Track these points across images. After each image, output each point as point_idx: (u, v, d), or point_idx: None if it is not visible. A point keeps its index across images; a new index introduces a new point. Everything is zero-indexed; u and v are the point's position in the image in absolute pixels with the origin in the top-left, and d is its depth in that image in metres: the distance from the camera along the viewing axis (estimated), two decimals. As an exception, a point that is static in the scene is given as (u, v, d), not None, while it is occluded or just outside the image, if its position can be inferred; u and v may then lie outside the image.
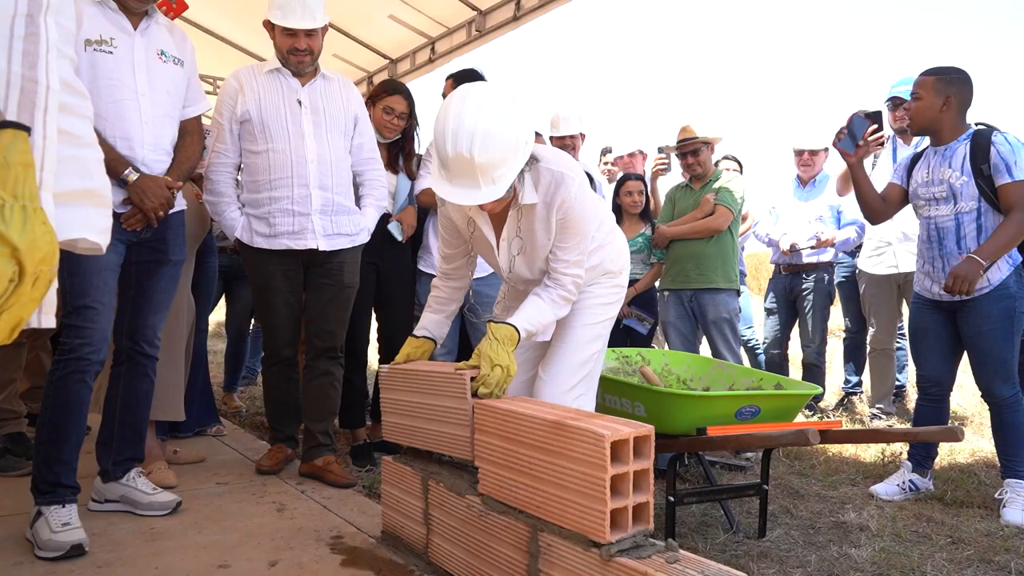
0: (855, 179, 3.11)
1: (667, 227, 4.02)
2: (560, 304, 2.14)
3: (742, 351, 4.58)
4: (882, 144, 3.97)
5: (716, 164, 5.06)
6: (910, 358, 3.92)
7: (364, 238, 3.05)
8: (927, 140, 3.06)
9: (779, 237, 4.74)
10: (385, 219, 3.31)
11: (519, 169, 1.96)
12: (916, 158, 3.05)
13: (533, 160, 2.06)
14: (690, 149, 3.92)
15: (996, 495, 2.87)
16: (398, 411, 2.25)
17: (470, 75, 3.50)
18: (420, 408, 2.13)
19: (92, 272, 2.24)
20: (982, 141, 2.81)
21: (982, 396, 2.96)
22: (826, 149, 4.74)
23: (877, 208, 3.13)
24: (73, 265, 2.15)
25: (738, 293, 3.97)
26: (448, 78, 3.67)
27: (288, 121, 2.86)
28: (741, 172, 5.24)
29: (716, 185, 3.92)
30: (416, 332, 2.35)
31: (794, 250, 4.64)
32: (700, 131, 3.91)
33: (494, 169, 1.90)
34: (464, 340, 3.59)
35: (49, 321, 1.12)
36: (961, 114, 2.90)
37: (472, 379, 1.94)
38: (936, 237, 2.91)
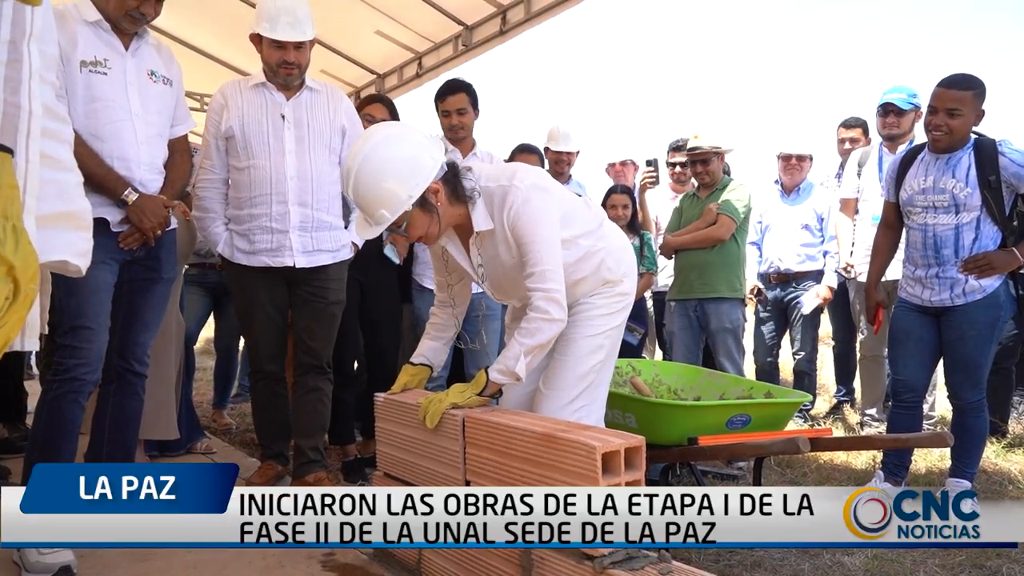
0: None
1: (672, 237, 4.02)
2: (527, 331, 2.02)
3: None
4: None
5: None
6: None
7: (347, 254, 3.02)
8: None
9: (768, 262, 4.74)
10: (381, 241, 3.31)
11: (411, 194, 1.94)
12: (907, 163, 3.01)
13: (479, 184, 2.08)
14: (700, 158, 3.91)
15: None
16: (393, 443, 2.24)
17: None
18: (414, 443, 2.13)
19: (90, 292, 2.23)
20: (987, 152, 2.80)
21: (948, 398, 2.99)
22: (811, 157, 4.75)
23: (892, 249, 3.18)
24: (70, 285, 2.13)
25: (743, 303, 3.92)
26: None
27: (270, 137, 2.85)
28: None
29: (722, 195, 3.87)
30: (413, 359, 2.35)
31: (786, 275, 4.66)
32: (711, 141, 3.87)
33: (377, 203, 1.94)
34: (456, 363, 3.56)
35: (32, 344, 1.13)
36: None
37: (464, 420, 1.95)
38: (932, 244, 2.90)
